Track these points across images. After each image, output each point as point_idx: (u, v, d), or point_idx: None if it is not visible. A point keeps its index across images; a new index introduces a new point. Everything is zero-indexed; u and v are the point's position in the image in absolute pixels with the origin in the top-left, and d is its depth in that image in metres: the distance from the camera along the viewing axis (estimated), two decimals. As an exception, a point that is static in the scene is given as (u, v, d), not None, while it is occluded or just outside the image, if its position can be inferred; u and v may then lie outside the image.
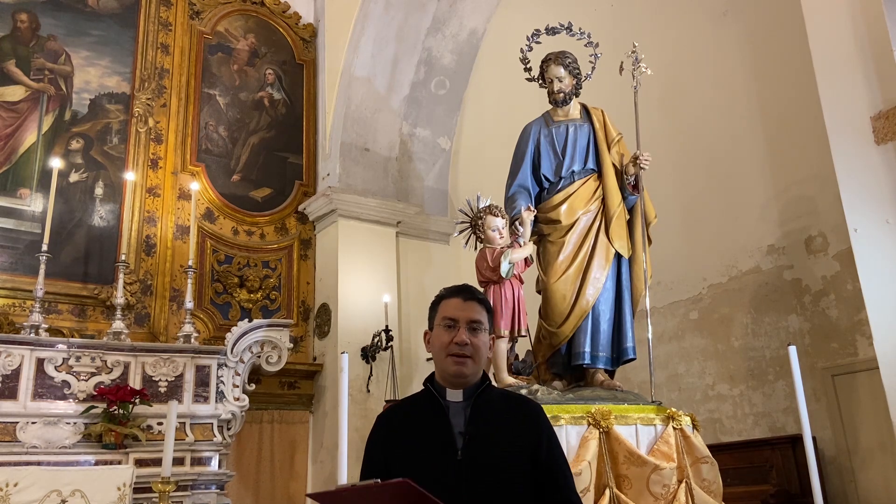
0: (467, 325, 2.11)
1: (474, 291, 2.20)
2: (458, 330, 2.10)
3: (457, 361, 2.09)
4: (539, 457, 2.07)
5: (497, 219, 4.24)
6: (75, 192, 7.07)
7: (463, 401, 2.10)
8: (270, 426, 7.51)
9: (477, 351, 2.11)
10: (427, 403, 2.13)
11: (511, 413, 2.13)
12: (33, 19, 7.30)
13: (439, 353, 2.13)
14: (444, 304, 2.18)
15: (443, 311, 2.16)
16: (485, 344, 2.14)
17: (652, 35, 6.33)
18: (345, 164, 8.17)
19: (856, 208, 4.35)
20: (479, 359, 2.13)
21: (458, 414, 2.08)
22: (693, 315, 6.24)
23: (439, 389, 2.13)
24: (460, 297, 2.16)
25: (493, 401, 2.14)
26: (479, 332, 2.12)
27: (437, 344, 2.14)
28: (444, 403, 2.10)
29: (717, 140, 6.22)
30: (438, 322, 2.16)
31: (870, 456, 5.03)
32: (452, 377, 2.11)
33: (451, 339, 2.10)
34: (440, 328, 2.14)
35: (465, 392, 2.11)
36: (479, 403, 2.10)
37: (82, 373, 5.96)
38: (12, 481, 4.75)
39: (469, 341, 2.09)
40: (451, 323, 2.12)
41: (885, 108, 4.24)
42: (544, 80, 4.59)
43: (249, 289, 7.76)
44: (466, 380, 2.11)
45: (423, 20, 8.39)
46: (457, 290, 2.20)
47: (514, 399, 2.26)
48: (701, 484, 3.84)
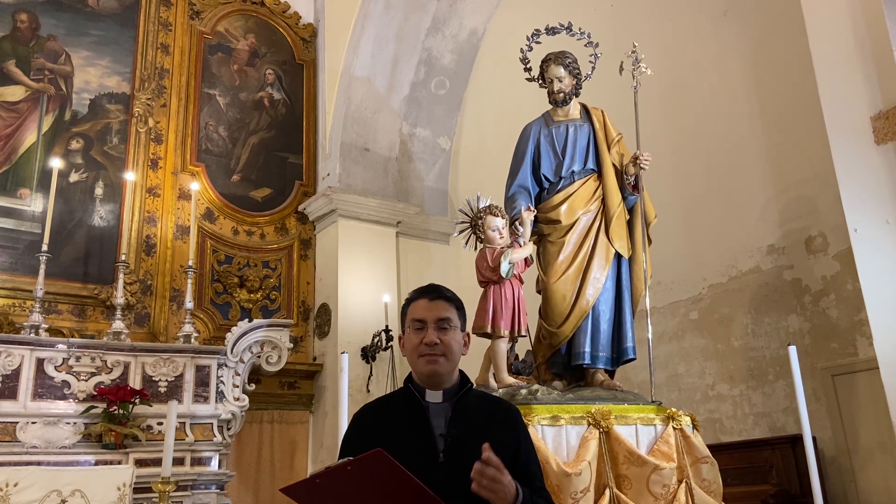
0: (435, 324, 2.10)
1: (441, 290, 2.19)
2: (426, 330, 2.10)
3: (429, 361, 2.08)
4: (518, 458, 2.09)
5: (497, 219, 4.23)
6: (75, 192, 7.07)
7: (443, 402, 2.10)
8: (270, 426, 7.51)
9: (449, 349, 2.10)
10: (406, 403, 2.12)
11: (491, 415, 2.13)
12: (33, 19, 7.30)
13: (412, 356, 2.13)
14: (412, 306, 2.18)
15: (411, 314, 2.16)
16: (457, 341, 2.13)
17: (652, 35, 6.33)
18: (345, 164, 8.17)
19: (856, 208, 4.35)
20: (453, 356, 2.12)
21: (439, 415, 2.08)
22: (693, 315, 6.24)
23: (419, 389, 2.12)
24: (426, 298, 2.16)
25: (473, 403, 2.14)
26: (448, 331, 2.11)
27: (409, 346, 2.14)
28: (423, 404, 2.09)
29: (717, 140, 6.22)
30: (408, 325, 2.16)
31: (870, 456, 5.03)
32: (427, 377, 2.11)
33: (420, 340, 2.10)
34: (410, 331, 2.14)
35: (444, 393, 2.11)
36: (459, 406, 2.10)
37: (82, 373, 5.96)
38: (12, 481, 4.75)
39: (439, 340, 2.09)
40: (420, 324, 2.12)
41: (885, 108, 4.24)
42: (544, 80, 4.59)
43: (249, 289, 7.76)
44: (441, 378, 2.11)
45: (423, 20, 8.39)
46: (423, 290, 2.20)
47: (493, 401, 2.27)
48: (701, 484, 3.84)
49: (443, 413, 2.08)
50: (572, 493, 3.48)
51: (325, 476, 1.74)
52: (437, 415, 2.08)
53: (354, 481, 1.73)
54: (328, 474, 1.74)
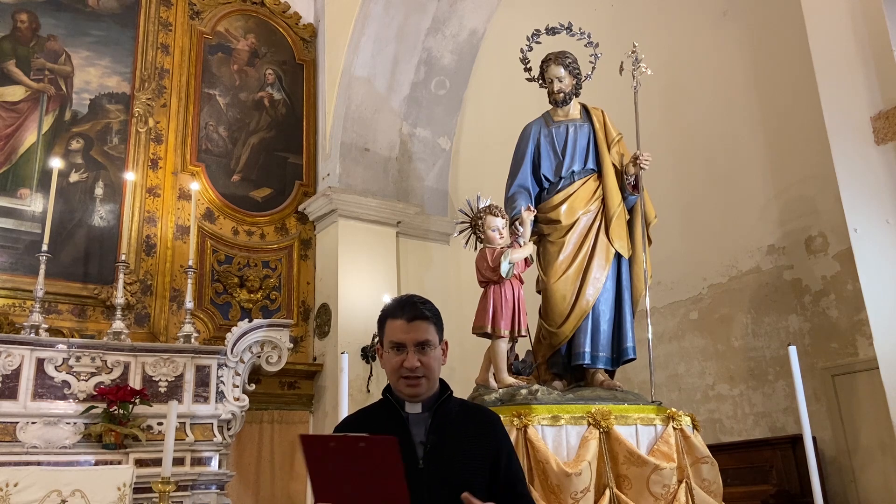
0: (415, 347, 2.07)
1: (418, 309, 2.11)
2: (406, 353, 2.07)
3: (409, 384, 2.07)
4: (499, 466, 2.09)
5: (497, 219, 4.23)
6: (75, 192, 7.07)
7: (422, 412, 2.10)
8: (270, 426, 7.51)
9: (430, 370, 2.08)
10: (386, 414, 2.11)
11: (470, 423, 2.13)
12: (33, 19, 7.30)
13: (392, 375, 2.11)
14: (389, 324, 2.12)
15: (389, 334, 2.11)
16: (437, 359, 2.11)
17: (652, 35, 6.33)
18: (345, 164, 8.17)
19: (856, 208, 4.35)
20: (433, 376, 2.10)
21: (419, 424, 2.08)
22: (693, 315, 6.24)
23: (398, 401, 2.11)
24: (404, 319, 2.09)
25: (453, 411, 2.13)
26: (428, 351, 2.08)
27: (389, 367, 2.11)
28: (403, 415, 2.09)
29: (717, 140, 6.21)
30: (386, 344, 2.12)
31: (870, 456, 5.03)
32: (408, 398, 2.10)
33: (400, 362, 2.07)
34: (389, 350, 2.10)
35: (423, 404, 2.10)
36: (439, 414, 2.10)
37: (82, 373, 5.96)
38: (12, 481, 4.76)
39: (419, 363, 2.06)
40: (399, 346, 2.08)
41: (885, 108, 4.24)
42: (544, 80, 4.59)
43: (249, 289, 7.76)
44: (421, 397, 2.10)
45: (423, 20, 8.39)
46: (401, 307, 2.13)
47: (472, 409, 2.25)
48: (701, 484, 3.84)
49: (422, 422, 2.08)
50: (572, 493, 3.48)
51: (339, 442, 1.80)
52: (417, 424, 2.08)
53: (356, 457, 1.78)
54: (343, 441, 1.80)
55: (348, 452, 1.78)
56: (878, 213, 4.24)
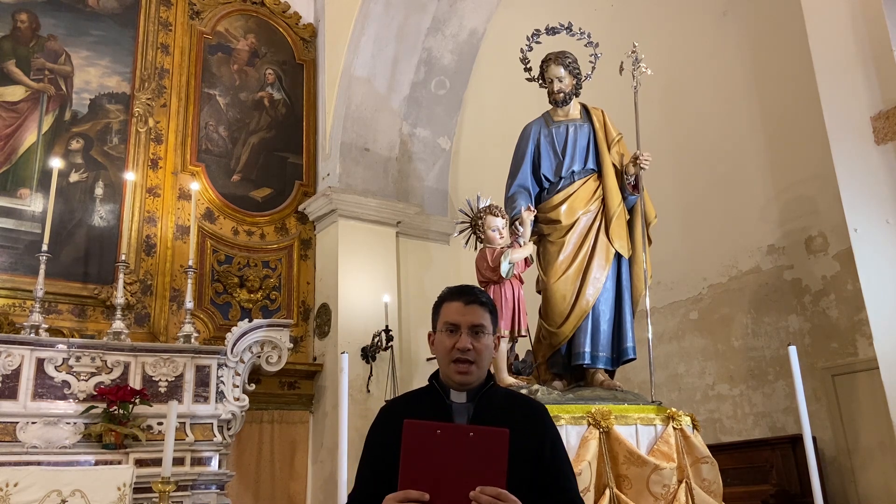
0: (469, 329, 2.08)
1: (477, 293, 2.15)
2: (459, 335, 2.07)
3: (460, 370, 2.07)
4: (542, 457, 2.05)
5: (497, 219, 4.24)
6: (75, 192, 7.07)
7: (467, 402, 2.09)
8: (270, 426, 7.51)
9: (480, 355, 2.08)
10: (430, 401, 2.11)
11: (515, 413, 2.09)
12: (33, 19, 7.30)
13: (443, 358, 2.11)
14: (445, 307, 2.14)
15: (444, 316, 2.13)
16: (488, 347, 2.11)
17: (652, 35, 6.33)
18: (345, 164, 8.17)
19: (856, 208, 4.35)
20: (483, 363, 2.10)
21: (462, 413, 2.07)
22: (693, 315, 6.24)
23: (444, 388, 2.12)
24: (462, 301, 2.12)
25: (497, 401, 2.12)
26: (481, 336, 2.09)
27: (441, 349, 2.11)
28: (447, 402, 2.09)
29: (718, 140, 6.21)
30: (440, 326, 2.13)
31: (870, 456, 5.03)
32: (457, 385, 2.09)
33: (453, 344, 2.07)
34: (442, 333, 2.11)
35: (468, 393, 2.09)
36: (482, 403, 2.08)
37: (82, 373, 5.96)
38: (12, 481, 4.75)
39: (472, 346, 2.06)
40: (453, 328, 2.09)
41: (885, 108, 4.24)
42: (544, 80, 4.59)
43: (249, 289, 7.76)
44: (470, 384, 2.09)
45: (423, 20, 8.39)
46: (458, 292, 2.16)
47: (518, 399, 2.23)
48: (701, 484, 3.84)
49: (465, 411, 2.07)
50: (572, 493, 3.48)
51: (447, 431, 1.79)
52: (460, 413, 2.07)
53: (462, 447, 1.76)
54: (450, 429, 1.80)
55: (455, 442, 1.76)
56: (878, 213, 4.23)
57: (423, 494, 1.73)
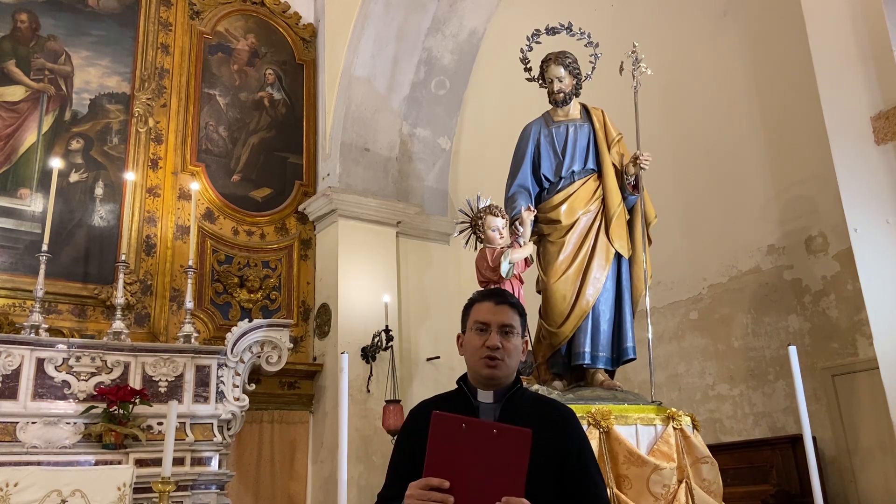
0: (499, 328, 2.13)
1: (507, 295, 2.22)
2: (490, 334, 2.12)
3: (489, 364, 2.10)
4: (569, 462, 2.06)
5: (497, 219, 4.24)
6: (75, 192, 7.07)
7: (494, 402, 2.12)
8: (270, 426, 7.51)
9: (509, 354, 2.12)
10: (458, 402, 2.14)
11: (541, 416, 2.11)
12: (33, 19, 7.30)
13: (472, 357, 2.15)
14: (476, 307, 2.20)
15: (475, 315, 2.18)
16: (517, 347, 2.16)
17: (652, 35, 6.33)
18: (345, 164, 8.17)
19: (856, 208, 4.35)
20: (512, 362, 2.14)
21: (488, 415, 2.10)
22: (693, 315, 6.24)
23: (471, 390, 2.16)
24: (492, 301, 2.18)
25: (525, 403, 2.15)
26: (511, 336, 2.14)
27: (470, 348, 2.16)
28: (474, 403, 2.13)
29: (718, 140, 6.21)
30: (471, 326, 2.18)
31: (870, 456, 5.03)
32: (485, 380, 2.13)
33: (483, 342, 2.12)
34: (472, 332, 2.16)
35: (496, 394, 2.13)
36: (509, 405, 2.12)
37: (82, 373, 5.96)
38: (12, 481, 4.75)
39: (501, 345, 2.11)
40: (484, 327, 2.14)
41: (885, 108, 4.23)
42: (544, 80, 4.59)
43: (249, 289, 7.76)
44: (498, 382, 2.13)
45: (423, 20, 8.39)
46: (489, 293, 2.24)
47: (546, 403, 2.26)
48: (701, 484, 3.84)
49: (492, 412, 2.10)
50: (572, 493, 3.48)
51: (472, 426, 1.82)
52: (487, 414, 2.10)
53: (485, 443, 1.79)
54: (475, 424, 1.82)
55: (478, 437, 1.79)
56: (878, 213, 4.23)
57: (443, 482, 1.77)
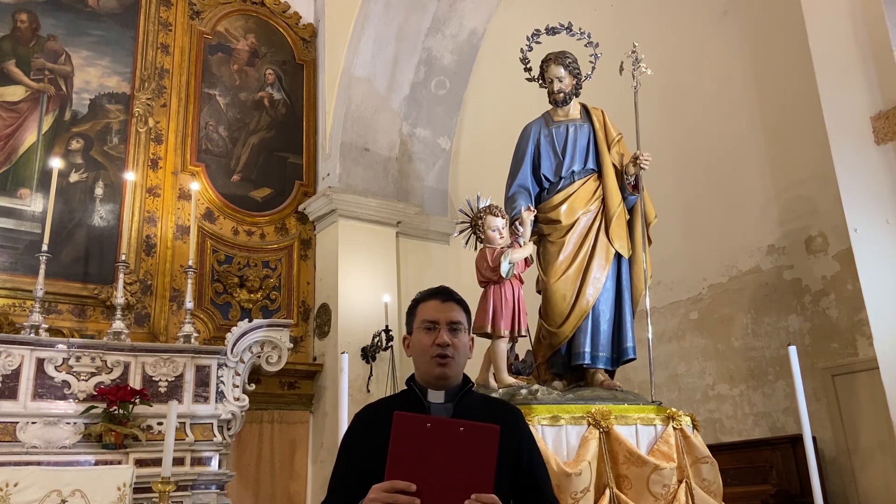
0: (447, 326, 2.11)
1: (452, 292, 2.20)
2: (438, 331, 2.11)
3: (440, 363, 2.09)
4: (520, 461, 2.07)
5: (497, 219, 4.23)
6: (75, 192, 7.07)
7: (445, 402, 2.10)
8: (270, 426, 7.51)
9: (458, 352, 2.11)
10: (408, 404, 2.11)
11: (492, 417, 2.06)
12: (33, 19, 7.30)
13: (422, 356, 2.13)
14: (422, 306, 2.18)
15: (422, 314, 2.16)
16: (465, 344, 2.15)
17: (652, 35, 6.33)
18: (345, 164, 8.17)
19: (856, 208, 4.35)
20: (461, 359, 2.13)
21: (440, 414, 2.08)
22: (693, 315, 6.24)
23: (421, 390, 2.13)
24: (438, 299, 2.16)
25: (475, 404, 2.13)
26: (459, 333, 2.13)
27: (419, 347, 2.14)
28: (425, 404, 2.10)
29: (718, 140, 6.21)
30: (418, 325, 2.16)
31: (870, 456, 5.03)
32: (436, 379, 2.10)
33: (432, 340, 2.10)
34: (420, 331, 2.14)
35: (446, 393, 2.11)
36: (461, 406, 2.10)
37: (82, 373, 5.96)
38: (12, 481, 4.75)
39: (450, 342, 2.10)
40: (431, 325, 2.12)
41: (885, 108, 4.24)
42: (544, 80, 4.59)
43: (249, 289, 7.76)
44: (449, 381, 2.11)
45: (423, 20, 8.39)
46: (434, 292, 2.20)
47: (495, 403, 2.26)
48: (701, 484, 3.84)
49: (444, 412, 2.08)
50: (572, 493, 3.48)
51: (437, 424, 1.78)
52: (439, 413, 2.07)
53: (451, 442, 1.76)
54: (441, 423, 1.79)
55: (444, 436, 1.76)
56: (878, 213, 4.23)
57: (410, 485, 1.73)
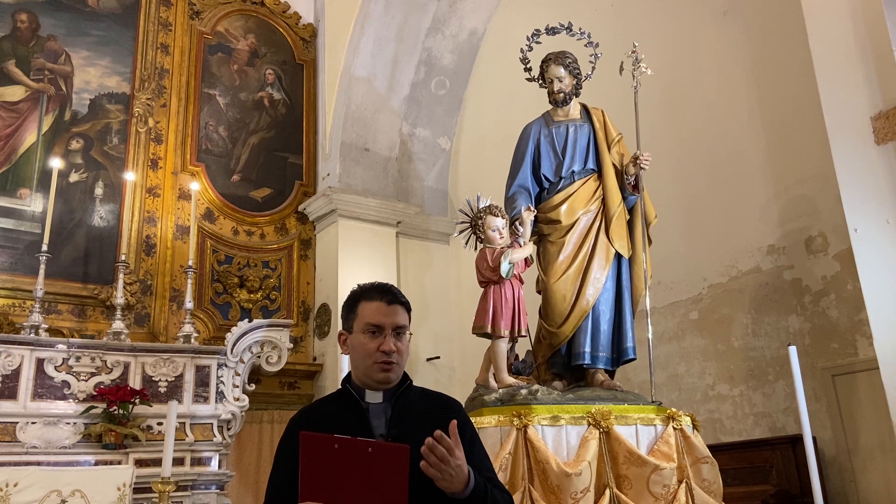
0: (393, 331, 2.05)
1: (397, 293, 2.12)
2: (384, 337, 2.03)
3: (384, 369, 2.02)
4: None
5: (497, 219, 4.23)
6: (75, 192, 7.07)
7: (383, 402, 2.05)
8: (270, 426, 7.51)
9: (401, 356, 2.06)
10: (344, 405, 2.06)
11: (432, 411, 2.06)
12: (33, 19, 7.30)
13: (363, 360, 2.05)
14: (365, 306, 2.08)
15: (365, 316, 2.06)
16: (407, 346, 2.10)
17: (652, 35, 6.33)
18: (345, 164, 8.17)
19: (856, 208, 4.35)
20: (404, 363, 2.08)
21: (379, 415, 2.03)
22: (693, 315, 6.24)
23: (358, 390, 2.07)
24: (383, 301, 2.07)
25: (413, 400, 2.09)
26: (402, 336, 2.07)
27: (361, 351, 2.05)
28: (363, 405, 2.05)
29: (718, 140, 6.21)
30: (361, 328, 2.06)
31: (870, 456, 5.03)
32: (378, 383, 2.05)
33: (377, 346, 2.03)
34: (363, 335, 2.05)
35: (385, 393, 2.06)
36: (399, 404, 2.05)
37: (82, 373, 5.96)
38: (12, 481, 4.75)
39: (395, 348, 2.03)
40: (376, 329, 2.04)
41: (885, 108, 4.23)
42: (544, 80, 4.59)
43: (249, 289, 7.77)
44: (391, 384, 2.06)
45: (423, 20, 8.40)
46: (378, 290, 2.10)
47: (432, 397, 2.19)
48: (701, 484, 3.84)
49: (383, 413, 2.04)
50: (572, 493, 3.48)
51: (344, 444, 1.75)
52: (377, 415, 2.03)
53: (361, 462, 1.73)
54: (348, 443, 1.75)
55: (353, 456, 1.73)
56: (878, 213, 4.23)
57: None
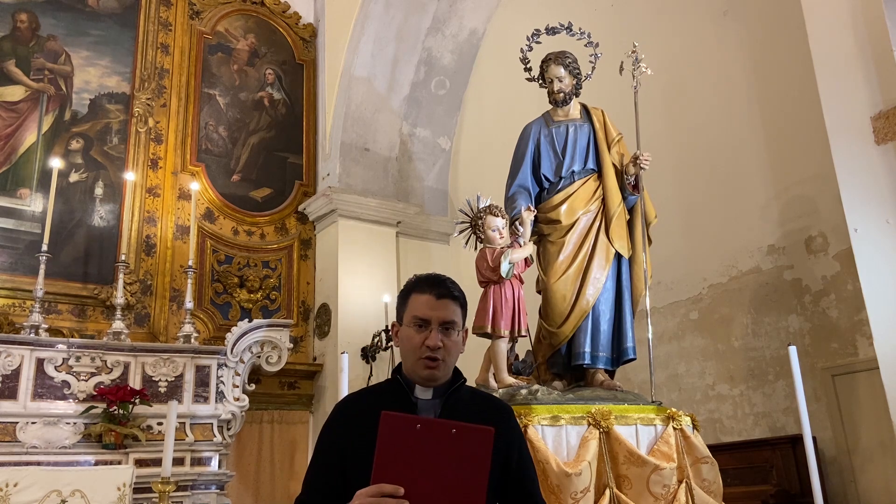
0: (440, 326, 1.96)
1: (449, 287, 2.03)
2: (430, 331, 1.96)
3: (428, 365, 1.95)
4: (510, 459, 1.98)
5: (497, 219, 4.23)
6: (75, 192, 7.07)
7: (433, 398, 1.99)
8: (270, 426, 7.51)
9: (449, 353, 1.97)
10: (393, 397, 1.99)
11: (482, 414, 1.99)
12: (33, 19, 7.30)
13: (410, 355, 1.98)
14: (414, 298, 2.01)
15: (413, 308, 2.00)
16: (457, 344, 2.00)
17: (652, 35, 6.33)
18: (345, 164, 8.17)
19: (856, 208, 4.35)
20: (452, 360, 2.00)
21: (428, 412, 1.97)
22: (693, 315, 6.24)
23: (408, 384, 2.01)
24: (433, 295, 1.99)
25: (464, 400, 2.02)
26: (452, 333, 1.98)
27: (408, 344, 1.98)
28: (412, 400, 1.98)
29: (718, 140, 6.21)
30: (408, 321, 2.00)
31: (870, 456, 5.03)
32: (423, 380, 1.98)
33: (422, 340, 1.95)
34: (410, 328, 1.99)
35: (435, 390, 1.99)
36: (450, 403, 1.99)
37: (82, 373, 5.96)
38: (12, 481, 4.75)
39: (442, 344, 1.95)
40: (423, 323, 1.97)
41: (885, 108, 4.23)
42: (544, 80, 4.59)
43: (249, 289, 7.77)
44: (438, 381, 1.99)
45: (423, 20, 8.40)
46: (430, 283, 2.02)
47: (485, 399, 2.14)
48: (701, 484, 3.84)
49: (432, 409, 1.97)
50: (572, 493, 3.48)
51: (427, 425, 1.69)
52: (426, 411, 1.97)
53: (443, 444, 1.67)
54: (432, 424, 1.70)
55: (435, 437, 1.67)
56: (878, 213, 4.23)
57: (398, 488, 1.63)
